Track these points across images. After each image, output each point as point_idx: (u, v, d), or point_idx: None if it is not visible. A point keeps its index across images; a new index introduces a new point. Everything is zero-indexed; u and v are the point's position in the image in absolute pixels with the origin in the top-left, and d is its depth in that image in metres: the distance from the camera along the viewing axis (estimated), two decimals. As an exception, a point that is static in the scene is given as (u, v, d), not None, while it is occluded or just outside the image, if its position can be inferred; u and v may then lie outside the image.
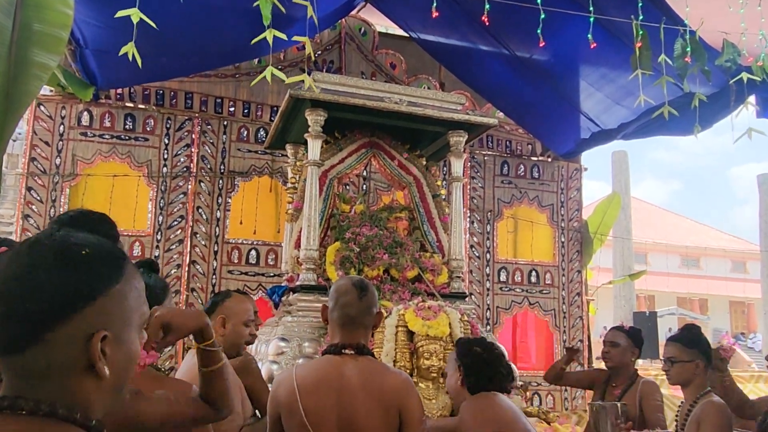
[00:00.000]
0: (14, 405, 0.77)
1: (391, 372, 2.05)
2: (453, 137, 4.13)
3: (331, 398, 1.90)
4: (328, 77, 4.03)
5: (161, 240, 5.52)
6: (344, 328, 2.02)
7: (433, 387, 3.19)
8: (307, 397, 1.89)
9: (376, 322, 2.10)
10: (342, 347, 1.98)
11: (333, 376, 1.93)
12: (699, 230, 28.90)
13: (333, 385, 1.91)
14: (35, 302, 0.77)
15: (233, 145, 5.83)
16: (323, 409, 1.89)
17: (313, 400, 1.89)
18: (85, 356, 0.80)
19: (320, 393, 1.90)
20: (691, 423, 2.38)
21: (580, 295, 6.82)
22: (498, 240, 6.64)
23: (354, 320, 2.01)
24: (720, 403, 2.39)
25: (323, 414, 1.88)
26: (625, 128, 5.64)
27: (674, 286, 23.16)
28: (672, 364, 2.52)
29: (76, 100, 5.42)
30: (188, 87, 5.77)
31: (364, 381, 1.93)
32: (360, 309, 2.01)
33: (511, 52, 5.50)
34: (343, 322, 2.02)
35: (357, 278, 2.12)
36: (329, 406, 1.89)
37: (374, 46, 6.40)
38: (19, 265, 0.79)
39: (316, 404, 1.88)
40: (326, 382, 1.92)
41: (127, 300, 0.87)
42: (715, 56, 3.77)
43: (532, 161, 6.90)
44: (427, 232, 4.24)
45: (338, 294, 2.05)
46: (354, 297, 2.01)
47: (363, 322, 2.04)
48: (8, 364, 0.80)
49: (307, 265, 3.77)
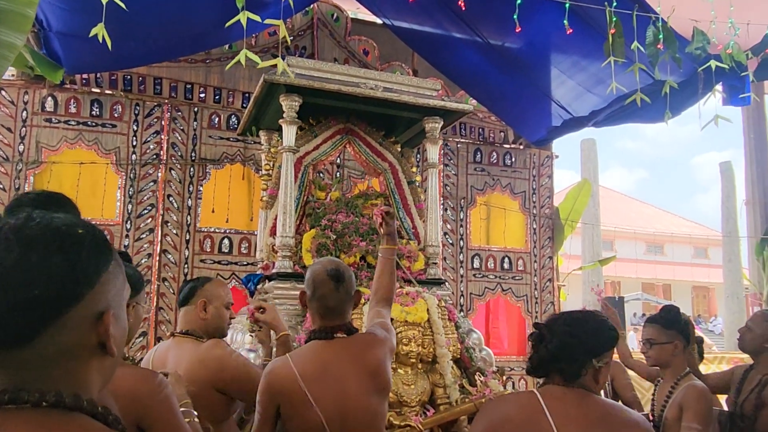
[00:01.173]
0: (17, 398, 0.74)
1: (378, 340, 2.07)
2: (428, 123, 4.12)
3: (333, 383, 1.92)
4: (303, 62, 3.98)
5: (131, 229, 5.41)
6: (325, 317, 2.05)
7: (412, 372, 3.20)
8: (312, 384, 1.90)
9: (356, 302, 2.14)
10: (332, 331, 2.01)
11: (332, 360, 1.96)
12: (663, 218, 29.62)
13: (333, 370, 1.94)
14: (43, 288, 0.75)
15: (204, 132, 5.73)
16: (327, 394, 1.90)
17: (317, 387, 1.90)
18: (95, 336, 0.80)
19: (323, 379, 1.92)
20: (672, 406, 2.41)
21: (552, 281, 6.92)
22: (471, 227, 6.68)
23: (333, 310, 2.04)
24: (702, 387, 2.41)
25: (328, 399, 1.90)
26: (596, 116, 5.72)
27: (640, 272, 23.71)
28: (651, 345, 2.56)
29: (39, 85, 5.25)
30: (157, 72, 5.63)
31: (360, 360, 1.98)
32: (338, 299, 2.04)
33: (484, 40, 5.51)
34: (323, 312, 2.05)
35: (332, 266, 2.09)
36: (332, 391, 1.91)
37: (347, 32, 6.34)
38: (12, 251, 0.75)
39: (321, 391, 1.90)
40: (327, 368, 1.94)
41: (118, 277, 0.88)
42: (686, 44, 3.84)
43: (505, 149, 6.95)
44: (403, 219, 4.24)
45: (315, 285, 2.05)
46: (331, 289, 2.03)
47: (343, 309, 2.06)
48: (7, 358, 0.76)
49: (283, 253, 3.74)
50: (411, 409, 3.04)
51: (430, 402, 3.20)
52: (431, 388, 3.21)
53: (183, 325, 2.43)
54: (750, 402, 2.64)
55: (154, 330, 5.30)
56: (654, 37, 3.44)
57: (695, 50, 3.70)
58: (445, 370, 3.22)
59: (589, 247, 12.06)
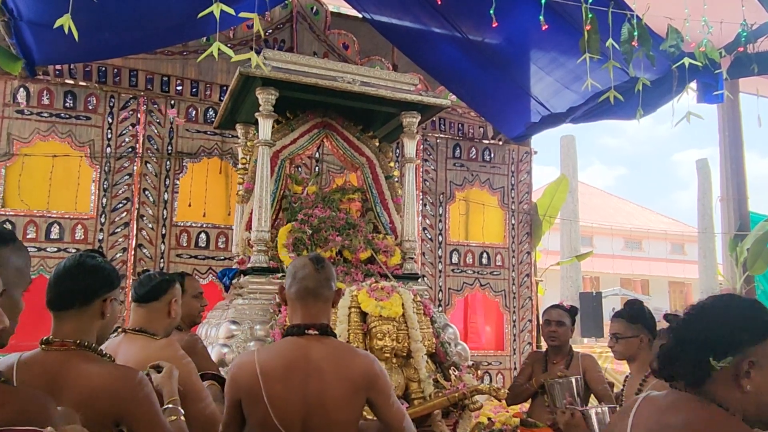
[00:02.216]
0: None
1: (358, 354, 1.99)
2: (406, 118, 4.12)
3: (297, 383, 1.83)
4: (280, 55, 3.95)
5: (105, 223, 5.33)
6: (304, 301, 1.95)
7: (387, 367, 3.20)
8: (271, 383, 1.82)
9: (335, 299, 2.05)
10: (305, 327, 1.92)
11: (299, 359, 1.86)
12: (641, 214, 29.97)
13: (299, 370, 1.84)
14: None
15: (181, 125, 5.66)
16: (289, 394, 1.82)
17: (277, 386, 1.82)
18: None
19: (286, 378, 1.83)
20: None
21: (530, 276, 6.97)
22: (450, 222, 6.70)
23: (313, 292, 1.95)
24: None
25: (289, 400, 1.82)
26: (574, 112, 5.75)
27: (618, 268, 23.98)
28: (617, 340, 2.59)
29: (10, 77, 5.13)
30: (133, 64, 5.55)
31: (331, 364, 1.87)
32: (318, 280, 1.96)
33: (463, 36, 5.51)
34: (302, 295, 1.95)
35: (313, 254, 2.08)
36: (295, 392, 1.82)
37: (326, 26, 6.30)
38: None
39: (281, 390, 1.82)
40: (292, 367, 1.85)
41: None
42: (660, 42, 3.87)
43: (484, 144, 6.98)
44: (380, 214, 4.24)
45: (295, 269, 2.00)
46: (311, 270, 1.97)
47: (323, 294, 1.97)
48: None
49: (259, 247, 3.71)
50: (385, 403, 3.04)
51: (404, 396, 3.20)
52: (405, 383, 3.22)
53: (138, 322, 2.28)
54: None
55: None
56: (629, 34, 3.47)
57: (669, 48, 3.74)
58: (419, 365, 3.22)
59: (567, 242, 12.17)
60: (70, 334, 1.72)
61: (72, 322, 1.71)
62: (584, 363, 3.51)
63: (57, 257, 5.07)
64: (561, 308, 3.64)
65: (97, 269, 1.79)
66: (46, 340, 1.70)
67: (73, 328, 1.72)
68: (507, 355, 6.70)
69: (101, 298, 1.76)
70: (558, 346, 3.56)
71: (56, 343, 1.72)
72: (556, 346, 3.57)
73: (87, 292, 1.75)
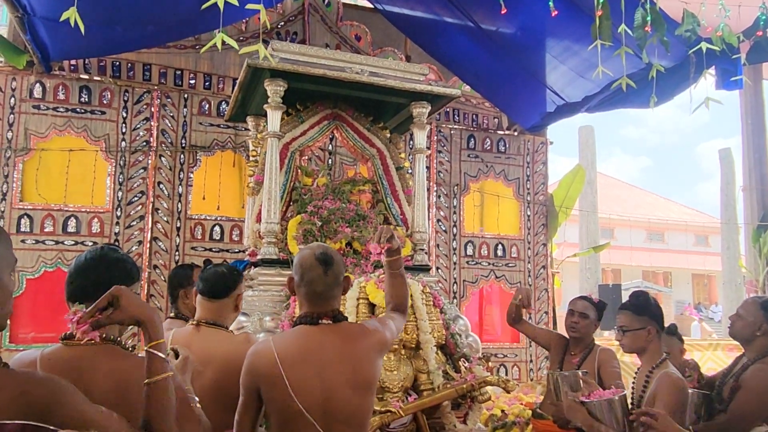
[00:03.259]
0: None
1: (368, 330, 2.03)
2: (416, 108, 4.08)
3: (315, 369, 1.88)
4: (288, 47, 3.93)
5: (121, 216, 5.39)
6: (313, 301, 2.00)
7: (395, 358, 3.19)
8: (291, 369, 1.86)
9: (345, 288, 2.08)
10: (318, 317, 1.97)
11: (315, 347, 1.91)
12: (664, 205, 29.53)
13: (316, 357, 1.89)
14: None
15: (194, 118, 5.69)
16: (308, 379, 1.86)
17: (297, 372, 1.86)
18: None
19: (304, 364, 1.88)
20: (649, 396, 2.40)
21: (546, 268, 6.90)
22: (464, 214, 6.65)
23: (321, 295, 1.99)
24: (675, 378, 2.38)
25: (309, 385, 1.86)
26: (589, 101, 5.67)
27: (639, 260, 23.68)
28: (624, 333, 2.53)
29: (27, 72, 5.21)
30: (146, 58, 5.59)
31: (344, 350, 1.92)
32: (326, 284, 1.99)
33: (476, 25, 5.45)
34: (310, 297, 2.00)
35: (320, 251, 2.04)
36: (314, 377, 1.87)
37: (339, 17, 6.28)
38: None
39: (301, 376, 1.86)
40: (309, 354, 1.89)
41: None
42: (675, 27, 3.78)
43: (499, 135, 6.91)
44: (391, 205, 4.22)
45: (303, 270, 2.01)
46: (319, 273, 1.98)
47: (331, 295, 2.02)
48: None
49: (269, 239, 3.72)
50: (393, 394, 3.04)
51: (413, 388, 3.19)
52: (414, 374, 3.20)
53: (209, 315, 2.32)
54: (728, 385, 2.62)
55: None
56: (642, 19, 3.38)
57: (685, 33, 3.65)
58: (428, 356, 3.20)
59: (585, 234, 12.03)
60: None
61: None
62: (600, 357, 3.43)
63: (75, 250, 5.14)
64: (588, 300, 3.52)
65: (119, 262, 1.79)
66: (67, 335, 1.65)
67: None
68: (522, 348, 6.65)
69: None
70: (578, 338, 3.48)
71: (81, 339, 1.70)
72: (576, 337, 3.49)
73: (109, 286, 1.68)
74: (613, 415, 2.28)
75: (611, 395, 2.34)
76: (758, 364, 2.65)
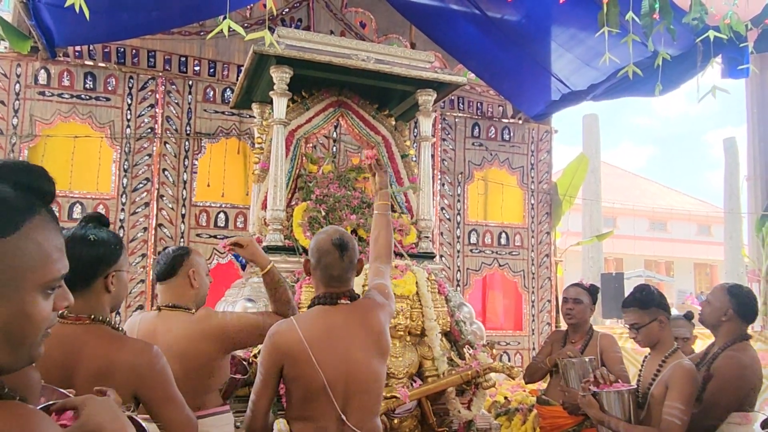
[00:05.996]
0: None
1: (377, 303, 2.13)
2: (421, 96, 4.07)
3: (340, 344, 1.98)
4: (294, 33, 3.92)
5: (126, 203, 5.41)
6: (329, 284, 2.09)
7: (400, 345, 3.22)
8: (317, 345, 1.95)
9: (358, 270, 2.17)
10: (337, 297, 2.06)
11: (338, 323, 2.02)
12: (667, 195, 29.45)
13: (340, 333, 2.00)
14: None
15: (199, 105, 5.69)
16: (332, 357, 1.96)
17: (323, 350, 1.95)
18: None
19: (329, 341, 1.98)
20: (659, 384, 2.40)
21: (549, 257, 6.92)
22: (468, 202, 6.66)
23: (337, 278, 2.08)
24: (689, 367, 2.40)
25: (333, 361, 1.95)
26: (595, 89, 5.65)
27: (642, 249, 23.66)
28: (637, 330, 2.54)
29: (32, 58, 5.21)
30: (151, 45, 5.58)
31: (363, 324, 2.05)
32: (342, 268, 2.08)
33: (482, 13, 5.42)
34: (327, 280, 2.09)
35: (337, 236, 2.11)
36: (337, 354, 1.97)
37: (343, 4, 6.25)
38: None
39: (326, 353, 1.95)
40: (333, 331, 2.00)
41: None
42: (682, 15, 3.75)
43: (503, 123, 6.89)
44: (396, 193, 4.22)
45: (320, 254, 2.09)
46: (336, 257, 2.06)
47: (346, 277, 2.11)
48: None
49: (274, 226, 3.73)
50: (398, 381, 3.06)
51: (418, 374, 3.22)
52: (420, 361, 3.23)
53: (170, 298, 2.32)
54: (700, 375, 2.60)
55: (150, 304, 5.33)
56: (650, 6, 3.37)
57: (692, 20, 3.63)
58: (433, 343, 3.23)
59: (588, 223, 12.02)
60: (82, 310, 1.75)
61: (80, 299, 1.71)
62: (602, 342, 3.47)
63: (80, 236, 5.16)
64: (580, 286, 3.60)
65: (93, 246, 1.75)
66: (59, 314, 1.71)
67: (83, 305, 1.74)
68: (526, 336, 6.68)
69: (102, 276, 1.77)
70: (575, 324, 3.53)
71: (71, 318, 1.75)
72: (574, 324, 3.54)
73: (86, 276, 1.74)
74: (621, 407, 2.32)
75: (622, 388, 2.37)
76: (728, 352, 2.62)
